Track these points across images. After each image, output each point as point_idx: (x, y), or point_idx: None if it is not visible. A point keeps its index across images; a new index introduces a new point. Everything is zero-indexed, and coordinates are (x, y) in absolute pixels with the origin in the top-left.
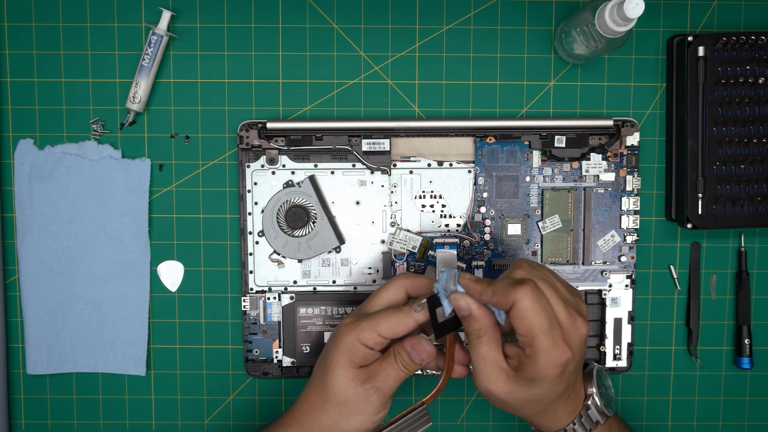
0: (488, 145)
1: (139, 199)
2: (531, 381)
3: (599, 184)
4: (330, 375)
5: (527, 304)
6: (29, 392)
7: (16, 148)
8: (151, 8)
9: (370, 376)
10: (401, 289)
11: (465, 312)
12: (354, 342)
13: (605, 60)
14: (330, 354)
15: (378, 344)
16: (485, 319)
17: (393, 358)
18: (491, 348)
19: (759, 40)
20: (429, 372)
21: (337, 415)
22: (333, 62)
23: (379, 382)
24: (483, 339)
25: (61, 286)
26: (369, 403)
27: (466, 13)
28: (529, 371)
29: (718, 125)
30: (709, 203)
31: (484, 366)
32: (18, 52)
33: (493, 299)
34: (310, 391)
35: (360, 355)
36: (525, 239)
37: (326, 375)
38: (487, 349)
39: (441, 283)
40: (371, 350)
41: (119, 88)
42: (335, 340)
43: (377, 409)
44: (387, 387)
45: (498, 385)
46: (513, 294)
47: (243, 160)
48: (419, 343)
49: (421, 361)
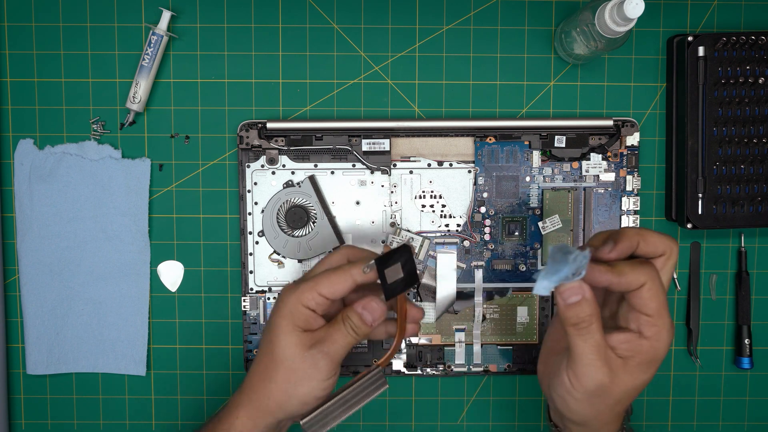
0: (488, 145)
1: (139, 199)
2: (647, 365)
3: (599, 184)
4: (275, 341)
5: (657, 283)
6: (29, 392)
7: (16, 148)
8: (151, 8)
9: (316, 340)
10: (344, 257)
11: (575, 299)
12: (295, 304)
13: (605, 60)
14: (273, 320)
15: (319, 305)
16: (595, 304)
17: (341, 322)
18: (602, 336)
19: (759, 40)
20: (429, 372)
21: (285, 384)
22: (333, 62)
23: (327, 346)
24: (594, 326)
25: (61, 286)
26: (317, 369)
27: (466, 13)
28: (646, 354)
29: (718, 125)
30: (709, 203)
31: (598, 356)
32: (18, 52)
33: (618, 280)
34: (257, 363)
35: (302, 318)
36: (525, 239)
37: (271, 342)
38: (599, 337)
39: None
40: (313, 312)
41: (119, 88)
42: (277, 306)
43: (326, 375)
44: (335, 351)
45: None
46: (644, 274)
47: (243, 160)
48: (369, 303)
49: (373, 322)
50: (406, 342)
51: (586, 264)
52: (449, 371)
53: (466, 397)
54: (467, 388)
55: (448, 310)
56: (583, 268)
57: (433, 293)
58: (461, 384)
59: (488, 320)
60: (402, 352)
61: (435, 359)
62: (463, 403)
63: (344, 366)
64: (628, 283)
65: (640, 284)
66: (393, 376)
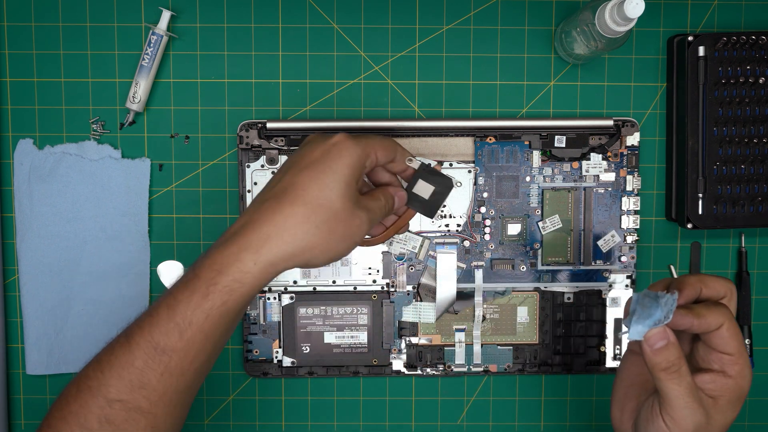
0: (488, 145)
1: (139, 199)
2: (735, 402)
3: (599, 184)
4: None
5: (734, 323)
6: (29, 392)
7: (16, 148)
8: (151, 8)
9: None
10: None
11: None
12: (361, 157)
13: (605, 60)
14: (331, 164)
15: (371, 166)
16: (680, 347)
17: (380, 196)
18: (692, 378)
19: (759, 40)
20: (429, 372)
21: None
22: (333, 62)
23: (368, 213)
24: (684, 368)
25: (61, 286)
26: (360, 230)
27: (466, 13)
28: (733, 393)
29: (718, 125)
30: (710, 203)
31: (694, 398)
32: (18, 52)
33: (699, 322)
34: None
35: (361, 173)
36: (525, 239)
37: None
38: (690, 379)
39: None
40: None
41: (119, 88)
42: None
43: (360, 239)
44: (372, 219)
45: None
46: (721, 315)
47: (243, 160)
48: (400, 192)
49: (396, 209)
50: (406, 342)
51: (674, 307)
52: (449, 371)
53: (466, 397)
54: (467, 388)
55: (448, 310)
56: (671, 311)
57: (433, 293)
58: (461, 384)
59: (488, 320)
60: (402, 352)
61: (435, 359)
62: (463, 403)
63: (344, 366)
64: (707, 324)
65: (719, 325)
66: (393, 376)
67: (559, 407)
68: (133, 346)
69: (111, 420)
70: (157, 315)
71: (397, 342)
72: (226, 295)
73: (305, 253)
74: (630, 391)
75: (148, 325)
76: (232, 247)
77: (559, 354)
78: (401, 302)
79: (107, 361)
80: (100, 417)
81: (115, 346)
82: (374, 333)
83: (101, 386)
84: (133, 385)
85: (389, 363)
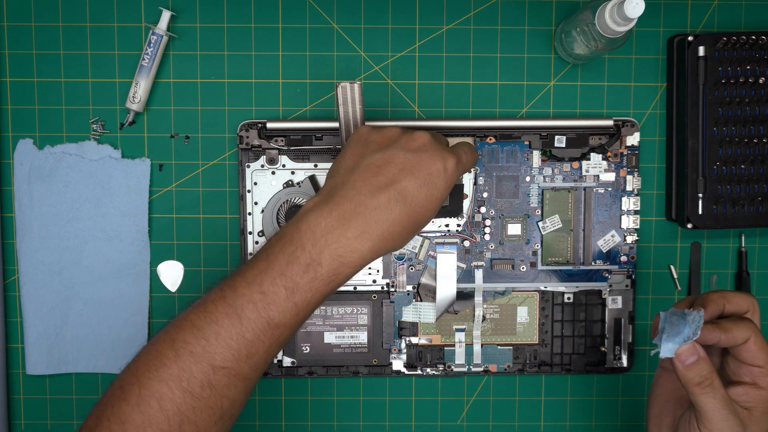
0: (488, 145)
1: (139, 199)
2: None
3: (599, 184)
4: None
5: (761, 335)
6: (29, 392)
7: (16, 148)
8: (151, 8)
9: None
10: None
11: (693, 359)
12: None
13: (605, 60)
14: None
15: None
16: (710, 361)
17: None
18: (725, 391)
19: (759, 40)
20: (429, 372)
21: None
22: (333, 62)
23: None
24: (716, 382)
25: (61, 286)
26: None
27: (466, 13)
28: (766, 403)
29: (718, 125)
30: (710, 203)
31: (730, 410)
32: (18, 52)
33: (726, 337)
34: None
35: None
36: (525, 239)
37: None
38: (724, 392)
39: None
40: None
41: (119, 88)
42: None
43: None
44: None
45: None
46: (747, 329)
47: (243, 160)
48: None
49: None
50: (406, 342)
51: (702, 323)
52: (449, 371)
53: (466, 397)
54: (467, 388)
55: (448, 310)
56: (699, 327)
57: (433, 293)
58: (461, 384)
59: (488, 320)
60: (402, 352)
61: (435, 359)
62: (463, 403)
63: (344, 366)
64: (735, 338)
65: (746, 338)
66: (393, 376)
67: (559, 407)
68: (244, 320)
69: (214, 385)
70: (274, 294)
71: (397, 342)
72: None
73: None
74: (665, 408)
75: (262, 303)
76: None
77: (559, 354)
78: (401, 302)
79: (213, 330)
80: (203, 382)
81: (218, 316)
82: (374, 333)
83: (206, 353)
84: (241, 355)
85: (389, 363)
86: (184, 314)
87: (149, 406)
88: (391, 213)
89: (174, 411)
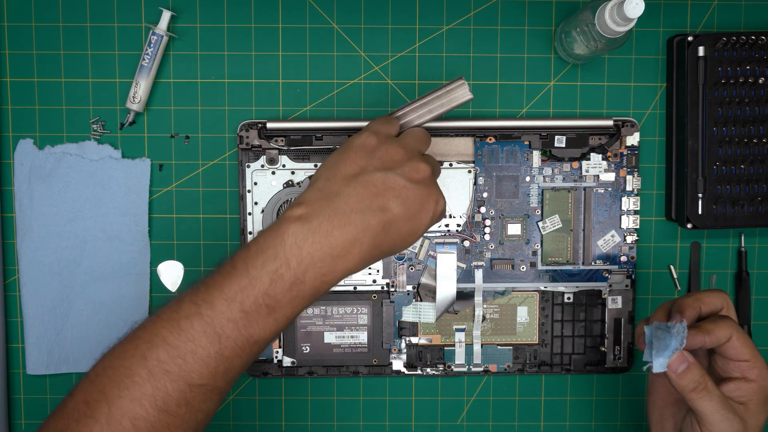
0: (488, 145)
1: (139, 199)
2: (763, 403)
3: (599, 184)
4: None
5: (741, 331)
6: (29, 392)
7: (16, 148)
8: (151, 8)
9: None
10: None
11: (684, 367)
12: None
13: (605, 60)
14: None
15: None
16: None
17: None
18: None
19: (759, 40)
20: (429, 372)
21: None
22: (333, 62)
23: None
24: (710, 384)
25: (61, 286)
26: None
27: (466, 13)
28: (759, 395)
29: (718, 125)
30: (709, 203)
31: (728, 409)
32: (18, 52)
33: (710, 338)
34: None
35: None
36: (525, 239)
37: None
38: (719, 392)
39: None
40: None
41: (119, 88)
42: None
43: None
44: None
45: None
46: (727, 327)
47: (243, 160)
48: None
49: None
50: (406, 342)
51: (686, 333)
52: (449, 371)
53: (466, 397)
54: (467, 388)
55: (448, 310)
56: (684, 337)
57: (433, 293)
58: (461, 384)
59: (488, 320)
60: (402, 352)
61: (435, 359)
62: (463, 403)
63: (344, 366)
64: (718, 338)
65: (729, 336)
66: (393, 376)
67: (559, 407)
68: (223, 339)
69: (190, 402)
70: (256, 313)
71: (397, 342)
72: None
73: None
74: (665, 412)
75: (243, 321)
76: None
77: (559, 354)
78: (401, 302)
79: (189, 349)
80: (179, 400)
81: (195, 335)
82: (374, 333)
83: (183, 372)
84: (218, 372)
85: (389, 363)
86: (153, 327)
87: (121, 425)
88: (376, 238)
89: (147, 429)
